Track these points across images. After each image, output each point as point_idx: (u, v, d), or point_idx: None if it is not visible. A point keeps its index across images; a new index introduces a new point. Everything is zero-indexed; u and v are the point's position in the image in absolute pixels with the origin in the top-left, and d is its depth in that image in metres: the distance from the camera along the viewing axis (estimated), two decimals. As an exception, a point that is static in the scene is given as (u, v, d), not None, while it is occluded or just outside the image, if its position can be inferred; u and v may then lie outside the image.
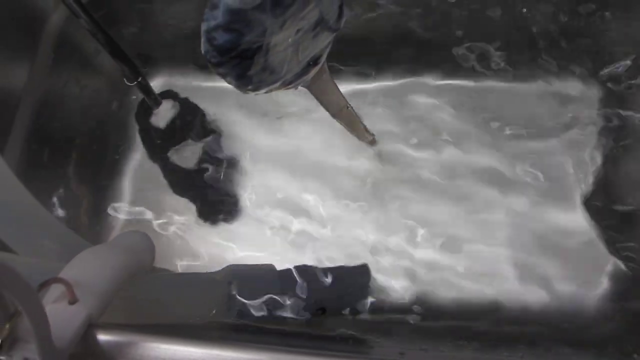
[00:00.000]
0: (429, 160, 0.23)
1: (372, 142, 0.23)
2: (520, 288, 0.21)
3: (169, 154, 0.23)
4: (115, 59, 0.20)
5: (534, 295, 0.21)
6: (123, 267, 0.17)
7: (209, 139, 0.23)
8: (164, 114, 0.22)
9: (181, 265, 0.22)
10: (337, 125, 0.21)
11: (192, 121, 0.23)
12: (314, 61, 0.16)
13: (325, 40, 0.15)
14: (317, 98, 0.18)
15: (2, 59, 0.21)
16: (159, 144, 0.22)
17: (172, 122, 0.22)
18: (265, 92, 0.16)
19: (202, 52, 0.14)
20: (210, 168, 0.23)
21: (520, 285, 0.21)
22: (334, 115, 0.20)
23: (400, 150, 0.23)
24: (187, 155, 0.23)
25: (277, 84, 0.15)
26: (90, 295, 0.15)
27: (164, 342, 0.14)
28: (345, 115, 0.20)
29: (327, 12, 0.14)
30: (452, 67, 0.23)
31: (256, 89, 0.15)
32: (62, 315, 0.14)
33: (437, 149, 0.23)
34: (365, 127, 0.21)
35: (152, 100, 0.21)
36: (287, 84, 0.16)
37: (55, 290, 0.15)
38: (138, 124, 0.23)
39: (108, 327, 0.15)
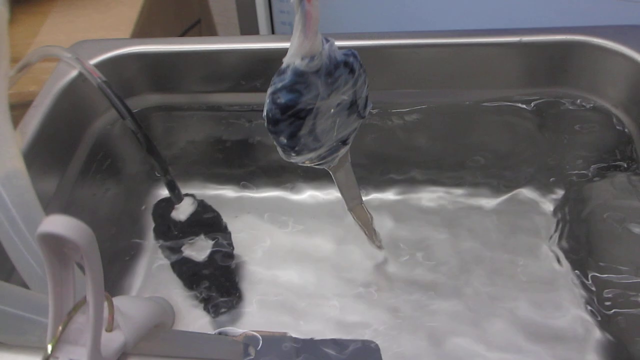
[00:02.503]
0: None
1: (380, 247, 0.25)
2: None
3: (182, 248, 0.24)
4: (151, 155, 0.23)
5: None
6: (155, 310, 0.18)
7: (220, 235, 0.25)
8: (184, 209, 0.24)
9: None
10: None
11: (208, 219, 0.25)
12: (344, 141, 0.19)
13: (354, 124, 0.19)
14: (339, 185, 0.21)
15: (37, 166, 0.24)
16: (175, 236, 0.24)
17: (191, 217, 0.24)
18: (303, 163, 0.19)
19: (264, 113, 0.17)
20: (220, 263, 0.25)
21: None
22: (350, 209, 0.23)
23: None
24: (200, 249, 0.25)
25: (315, 153, 0.18)
26: (128, 324, 0.16)
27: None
28: (359, 212, 0.23)
29: (359, 96, 0.18)
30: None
31: (299, 153, 0.18)
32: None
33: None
34: (374, 229, 0.24)
35: (175, 195, 0.24)
36: (321, 158, 0.19)
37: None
38: (154, 221, 0.25)
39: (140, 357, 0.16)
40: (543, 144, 0.26)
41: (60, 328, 0.14)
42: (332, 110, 0.18)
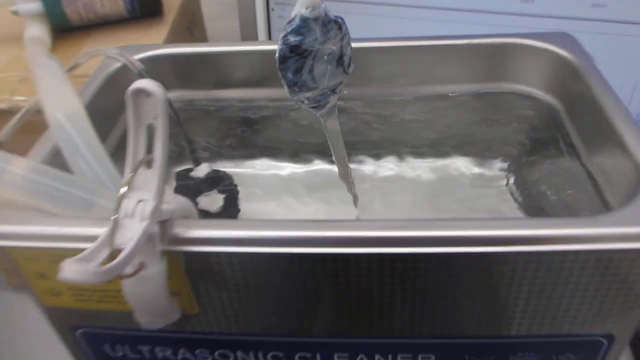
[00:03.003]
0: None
1: (356, 199, 0.31)
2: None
3: (197, 199, 0.30)
4: (181, 125, 0.29)
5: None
6: (190, 205, 0.23)
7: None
8: (202, 170, 0.30)
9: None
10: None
11: (220, 177, 0.30)
12: (333, 90, 0.26)
13: (340, 77, 0.25)
14: (328, 136, 0.27)
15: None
16: (192, 193, 0.30)
17: (207, 176, 0.30)
18: (302, 102, 0.25)
19: (276, 54, 0.23)
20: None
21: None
22: (337, 161, 0.28)
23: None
24: (212, 202, 0.30)
25: (312, 94, 0.25)
26: (174, 200, 0.21)
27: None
28: (343, 164, 0.29)
29: (344, 52, 0.25)
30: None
31: (300, 89, 0.24)
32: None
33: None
34: (353, 181, 0.30)
35: (194, 158, 0.29)
36: (316, 101, 0.25)
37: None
38: (176, 182, 0.31)
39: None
40: (493, 127, 0.33)
41: (132, 174, 0.19)
42: (325, 57, 0.24)
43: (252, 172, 0.33)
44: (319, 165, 0.34)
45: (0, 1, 0.43)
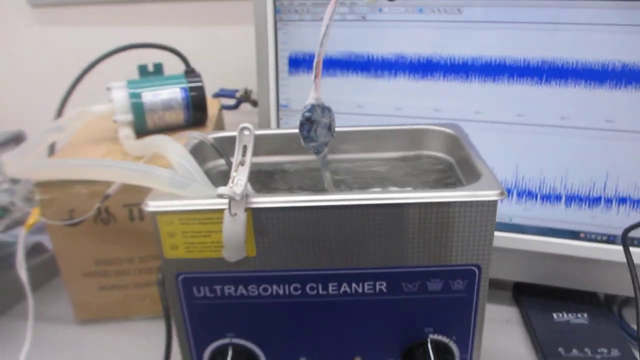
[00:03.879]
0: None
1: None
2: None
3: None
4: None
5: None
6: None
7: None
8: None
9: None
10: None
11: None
12: (326, 143, 0.48)
13: (329, 137, 0.48)
14: (322, 168, 0.49)
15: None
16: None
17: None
18: (311, 148, 0.47)
19: (299, 124, 0.46)
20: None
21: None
22: (325, 180, 0.50)
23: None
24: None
25: (316, 144, 0.47)
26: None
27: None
28: (329, 185, 0.50)
29: (331, 125, 0.47)
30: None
31: (310, 140, 0.46)
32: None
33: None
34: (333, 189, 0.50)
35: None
36: (316, 152, 0.47)
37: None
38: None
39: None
40: (415, 172, 0.55)
41: (236, 168, 0.40)
42: (322, 125, 0.47)
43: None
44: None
45: (103, 113, 0.65)
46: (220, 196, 0.38)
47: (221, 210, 0.40)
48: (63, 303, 0.69)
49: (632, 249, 0.53)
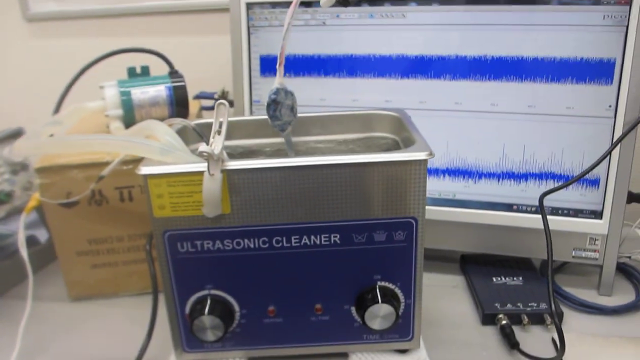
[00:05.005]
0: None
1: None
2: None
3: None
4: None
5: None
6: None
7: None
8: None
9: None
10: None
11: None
12: (289, 123, 0.57)
13: (292, 117, 0.57)
14: (286, 143, 0.58)
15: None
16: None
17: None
18: (276, 126, 0.56)
19: (266, 104, 0.55)
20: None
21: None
22: (289, 151, 0.58)
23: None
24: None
25: (281, 122, 0.56)
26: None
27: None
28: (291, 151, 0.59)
29: (294, 106, 0.56)
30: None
31: (276, 119, 0.55)
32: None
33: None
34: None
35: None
36: (281, 129, 0.56)
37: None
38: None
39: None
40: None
41: (214, 134, 0.49)
42: (286, 106, 0.56)
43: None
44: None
45: (96, 109, 0.74)
46: (201, 153, 0.47)
47: (201, 172, 0.49)
48: (56, 286, 0.76)
49: (550, 217, 0.63)
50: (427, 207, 0.70)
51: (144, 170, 0.50)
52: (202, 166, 0.49)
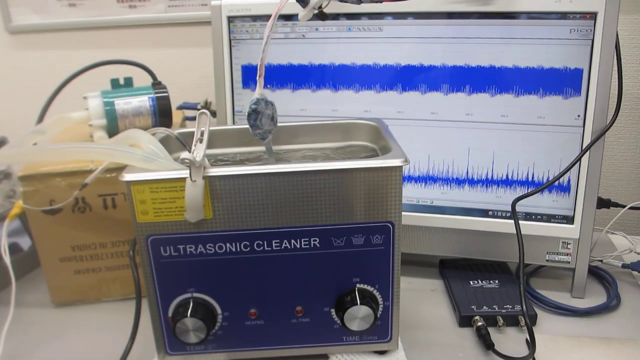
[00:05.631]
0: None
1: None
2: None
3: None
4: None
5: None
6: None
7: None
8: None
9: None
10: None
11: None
12: (270, 131, 0.58)
13: (272, 126, 0.58)
14: (267, 152, 0.59)
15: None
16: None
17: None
18: (257, 135, 0.57)
19: (247, 114, 0.56)
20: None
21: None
22: (269, 158, 0.60)
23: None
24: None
25: (261, 131, 0.57)
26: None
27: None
28: (271, 159, 0.60)
29: (274, 116, 0.58)
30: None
31: (257, 128, 0.57)
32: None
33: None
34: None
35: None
36: (262, 138, 0.58)
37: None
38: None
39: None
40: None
41: (196, 143, 0.50)
42: (266, 115, 0.57)
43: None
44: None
45: (80, 119, 0.75)
46: (183, 160, 0.48)
47: (183, 179, 0.50)
48: (39, 292, 0.77)
49: (523, 222, 0.65)
50: (406, 213, 0.73)
51: (127, 177, 0.51)
52: (184, 173, 0.50)
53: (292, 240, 0.54)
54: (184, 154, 0.48)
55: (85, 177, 0.65)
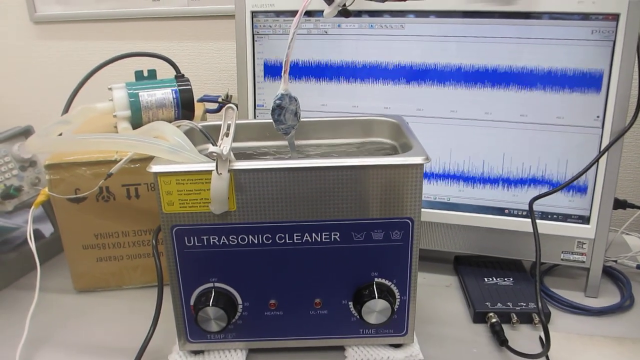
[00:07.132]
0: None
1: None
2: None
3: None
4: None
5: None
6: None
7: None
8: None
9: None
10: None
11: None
12: (293, 126, 0.59)
13: (295, 121, 0.59)
14: (289, 146, 0.60)
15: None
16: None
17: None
18: (280, 130, 0.59)
19: (271, 109, 0.58)
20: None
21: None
22: (291, 153, 0.61)
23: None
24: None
25: (285, 126, 0.58)
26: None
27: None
28: (294, 154, 0.61)
29: (298, 111, 0.59)
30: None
31: (280, 123, 0.58)
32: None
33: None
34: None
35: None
36: (285, 132, 0.59)
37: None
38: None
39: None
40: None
41: (223, 136, 0.51)
42: (290, 111, 0.58)
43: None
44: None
45: (104, 110, 0.76)
46: (211, 154, 0.49)
47: (210, 171, 0.52)
48: (61, 278, 0.79)
49: (540, 221, 0.66)
50: (423, 210, 0.74)
51: (155, 168, 0.52)
52: (210, 166, 0.52)
53: (313, 234, 0.55)
54: (212, 148, 0.49)
55: (110, 167, 0.67)
